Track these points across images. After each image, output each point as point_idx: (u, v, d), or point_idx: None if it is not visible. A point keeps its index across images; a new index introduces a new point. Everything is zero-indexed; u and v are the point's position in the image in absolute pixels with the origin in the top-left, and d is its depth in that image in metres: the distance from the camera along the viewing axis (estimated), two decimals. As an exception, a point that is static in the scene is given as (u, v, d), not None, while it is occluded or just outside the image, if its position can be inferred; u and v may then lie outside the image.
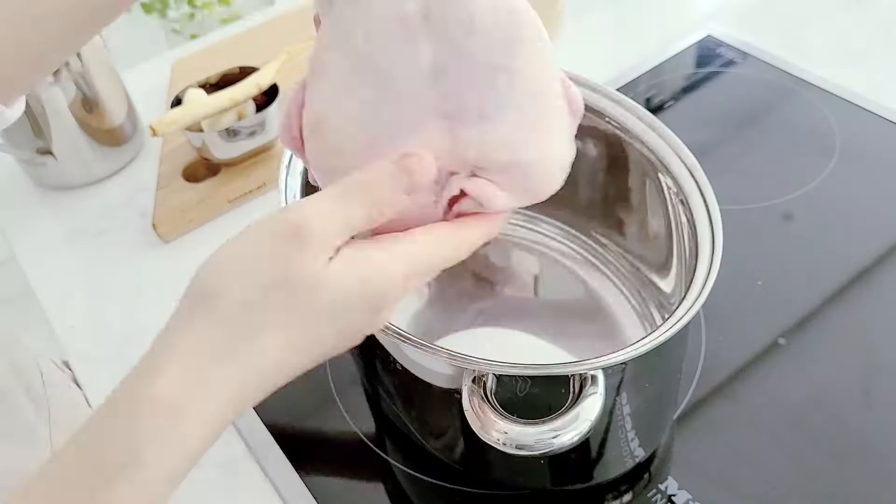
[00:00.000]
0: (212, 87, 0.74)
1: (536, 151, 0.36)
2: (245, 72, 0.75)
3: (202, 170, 0.75)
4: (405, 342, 0.39)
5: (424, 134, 0.35)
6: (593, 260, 0.58)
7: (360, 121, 0.35)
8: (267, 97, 0.73)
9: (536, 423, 0.35)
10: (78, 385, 0.63)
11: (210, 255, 0.32)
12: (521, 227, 0.60)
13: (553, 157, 0.37)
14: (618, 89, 0.51)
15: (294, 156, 0.47)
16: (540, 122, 0.36)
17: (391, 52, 0.34)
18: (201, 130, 0.71)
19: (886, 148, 0.69)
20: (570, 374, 0.37)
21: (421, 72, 0.34)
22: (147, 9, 1.71)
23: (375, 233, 0.35)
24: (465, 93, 0.34)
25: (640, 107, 0.49)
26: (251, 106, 0.72)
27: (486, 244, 0.37)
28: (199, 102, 0.69)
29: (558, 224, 0.59)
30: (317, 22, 0.37)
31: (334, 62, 0.35)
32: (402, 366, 0.44)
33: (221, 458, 0.54)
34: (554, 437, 0.35)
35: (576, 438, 0.35)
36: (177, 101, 0.72)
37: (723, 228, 0.42)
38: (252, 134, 0.71)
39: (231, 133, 0.70)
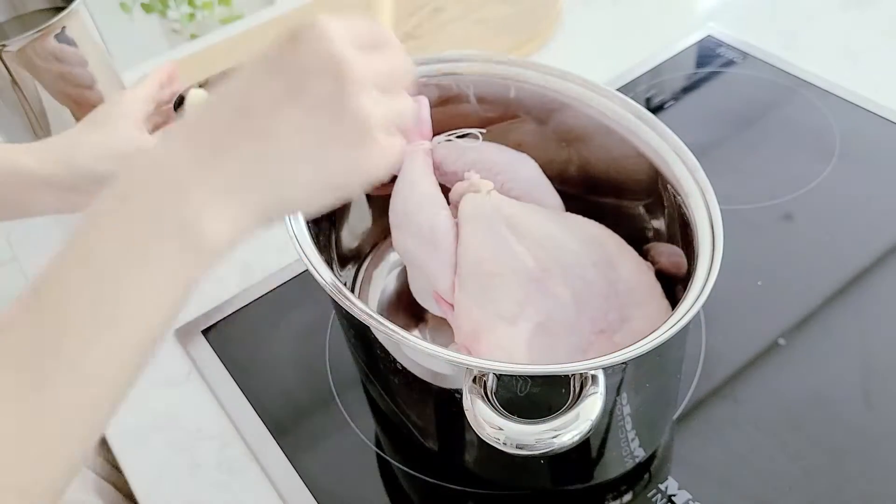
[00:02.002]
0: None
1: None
2: (245, 72, 0.75)
3: (202, 170, 0.74)
4: (405, 342, 0.39)
5: (592, 350, 0.44)
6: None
7: (531, 349, 0.43)
8: (267, 97, 0.73)
9: (536, 423, 0.35)
10: None
11: None
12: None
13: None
14: (618, 89, 0.51)
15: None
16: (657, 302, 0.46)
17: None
18: (201, 130, 0.70)
19: (886, 148, 0.69)
20: (570, 373, 0.37)
21: (571, 311, 0.45)
22: (147, 9, 1.71)
23: None
24: (608, 313, 0.45)
25: (640, 107, 0.49)
26: (251, 106, 0.72)
27: None
28: (199, 102, 0.69)
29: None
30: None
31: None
32: (402, 366, 0.44)
33: (221, 458, 0.54)
34: (554, 437, 0.35)
35: (576, 438, 0.35)
36: (178, 101, 0.72)
37: (723, 228, 0.42)
38: (252, 134, 0.71)
39: (231, 133, 0.70)
